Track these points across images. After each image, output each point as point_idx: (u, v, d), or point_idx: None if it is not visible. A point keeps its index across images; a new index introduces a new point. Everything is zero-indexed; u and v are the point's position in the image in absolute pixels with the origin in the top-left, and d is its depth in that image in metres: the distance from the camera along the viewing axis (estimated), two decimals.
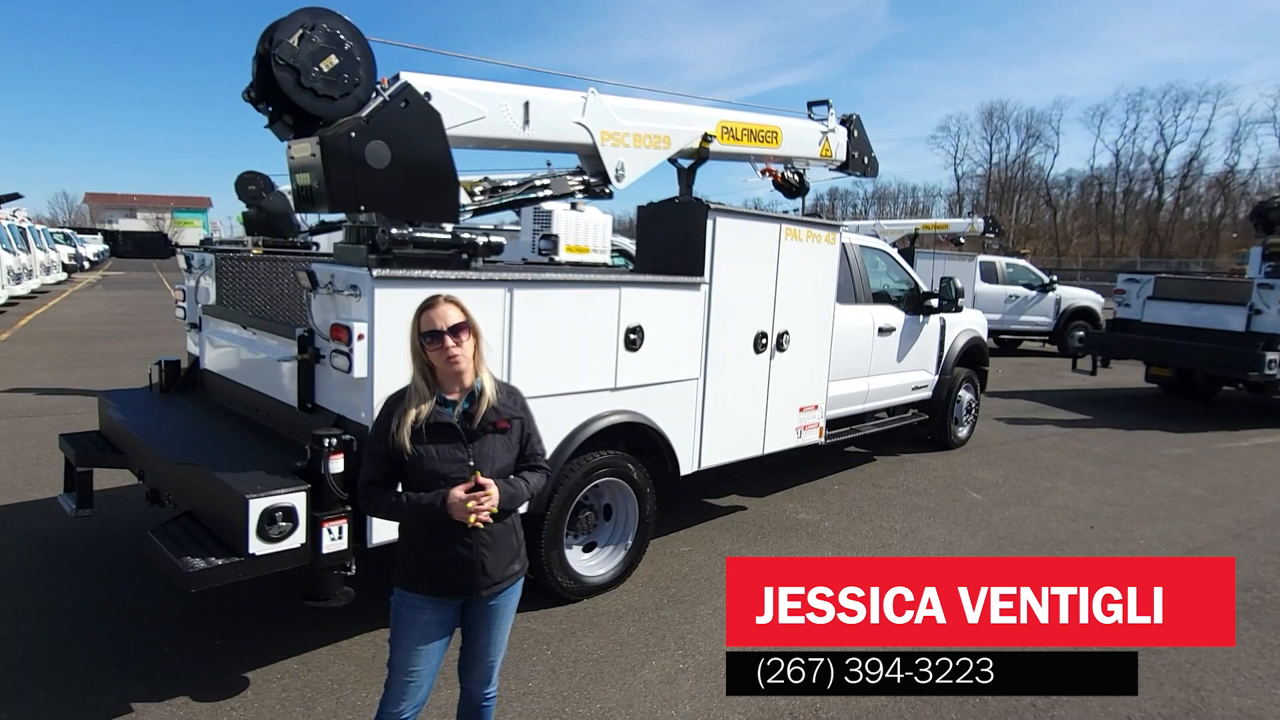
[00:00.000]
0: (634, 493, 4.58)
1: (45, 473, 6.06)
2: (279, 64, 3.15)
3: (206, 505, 3.35)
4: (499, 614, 2.49)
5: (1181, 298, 10.92)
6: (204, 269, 4.84)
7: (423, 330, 2.32)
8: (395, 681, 2.42)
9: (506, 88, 4.10)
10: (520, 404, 2.51)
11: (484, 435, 2.38)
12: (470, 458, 2.34)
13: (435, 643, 2.43)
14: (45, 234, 26.99)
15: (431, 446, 2.32)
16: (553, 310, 3.96)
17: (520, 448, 2.49)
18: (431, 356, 2.33)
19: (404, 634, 2.40)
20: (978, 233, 16.77)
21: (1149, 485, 7.18)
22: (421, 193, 3.48)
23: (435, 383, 2.37)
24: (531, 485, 2.47)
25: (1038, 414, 10.36)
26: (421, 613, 2.38)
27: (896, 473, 7.25)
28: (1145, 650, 3.34)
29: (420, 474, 2.32)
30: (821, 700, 3.47)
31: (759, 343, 5.20)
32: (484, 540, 2.36)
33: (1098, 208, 62.22)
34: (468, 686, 2.59)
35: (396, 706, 2.42)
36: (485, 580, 2.38)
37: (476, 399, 2.38)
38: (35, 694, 3.30)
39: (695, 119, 5.06)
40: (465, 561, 2.35)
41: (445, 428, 2.34)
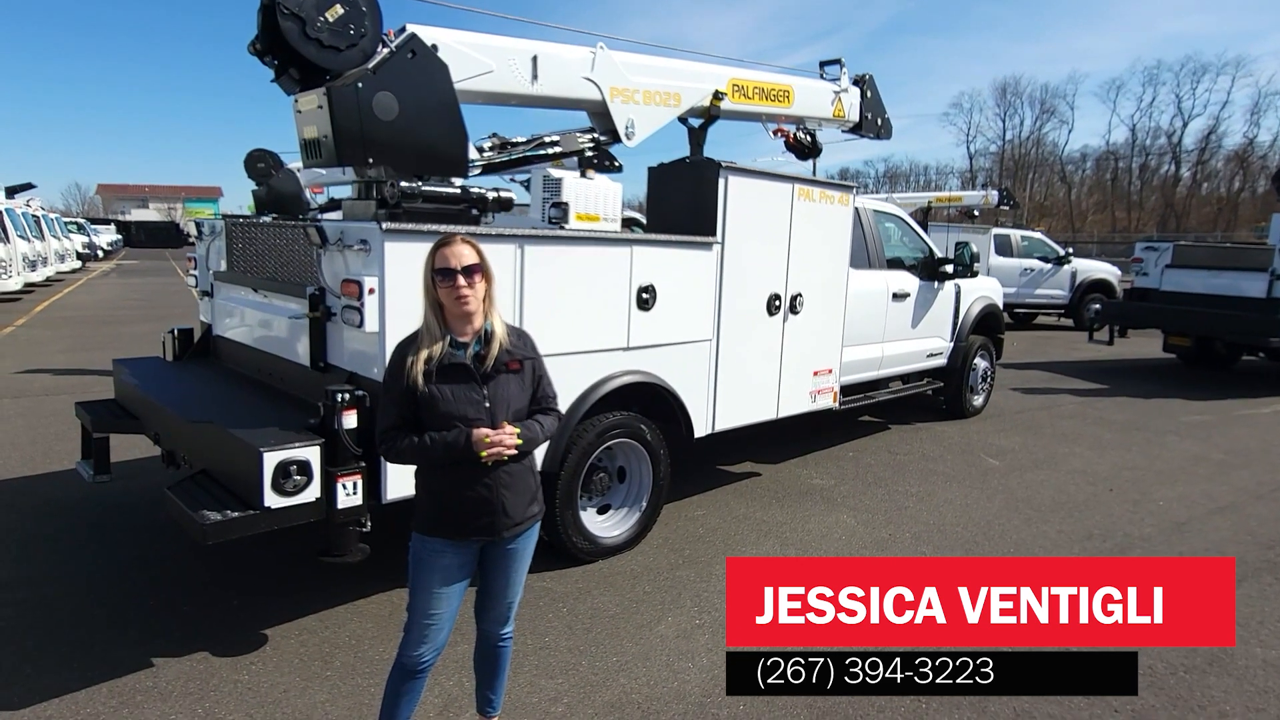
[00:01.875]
0: (648, 454, 4.56)
1: (63, 447, 6.11)
2: (284, 13, 3.11)
3: (221, 462, 3.35)
4: (517, 556, 2.49)
5: (1200, 265, 10.75)
6: (214, 235, 4.83)
7: (436, 267, 2.30)
8: (415, 625, 2.42)
9: (515, 42, 4.05)
10: (531, 346, 2.49)
11: (497, 376, 2.37)
12: (486, 399, 2.33)
13: (455, 585, 2.42)
14: (59, 222, 27.18)
15: (446, 387, 2.31)
16: (564, 267, 3.93)
17: (533, 390, 2.48)
18: (442, 295, 2.31)
19: (424, 578, 2.39)
20: (992, 205, 16.55)
21: (1168, 450, 7.09)
22: (430, 146, 3.45)
23: (445, 324, 2.36)
24: (547, 428, 2.47)
25: (1054, 384, 10.26)
26: (442, 556, 2.38)
27: (911, 440, 7.20)
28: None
29: (436, 416, 2.30)
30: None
31: (772, 305, 5.15)
32: (503, 481, 2.36)
33: (1113, 184, 61.41)
34: (485, 627, 2.59)
35: (417, 649, 2.42)
36: (506, 521, 2.38)
37: (488, 341, 2.36)
38: (57, 650, 3.34)
39: (706, 76, 4.99)
40: (486, 503, 2.34)
41: (459, 369, 2.33)
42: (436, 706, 3.02)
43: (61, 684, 3.10)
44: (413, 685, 2.47)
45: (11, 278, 16.43)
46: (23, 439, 6.43)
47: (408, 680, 2.45)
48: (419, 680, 2.47)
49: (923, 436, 7.34)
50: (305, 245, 3.68)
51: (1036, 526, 5.11)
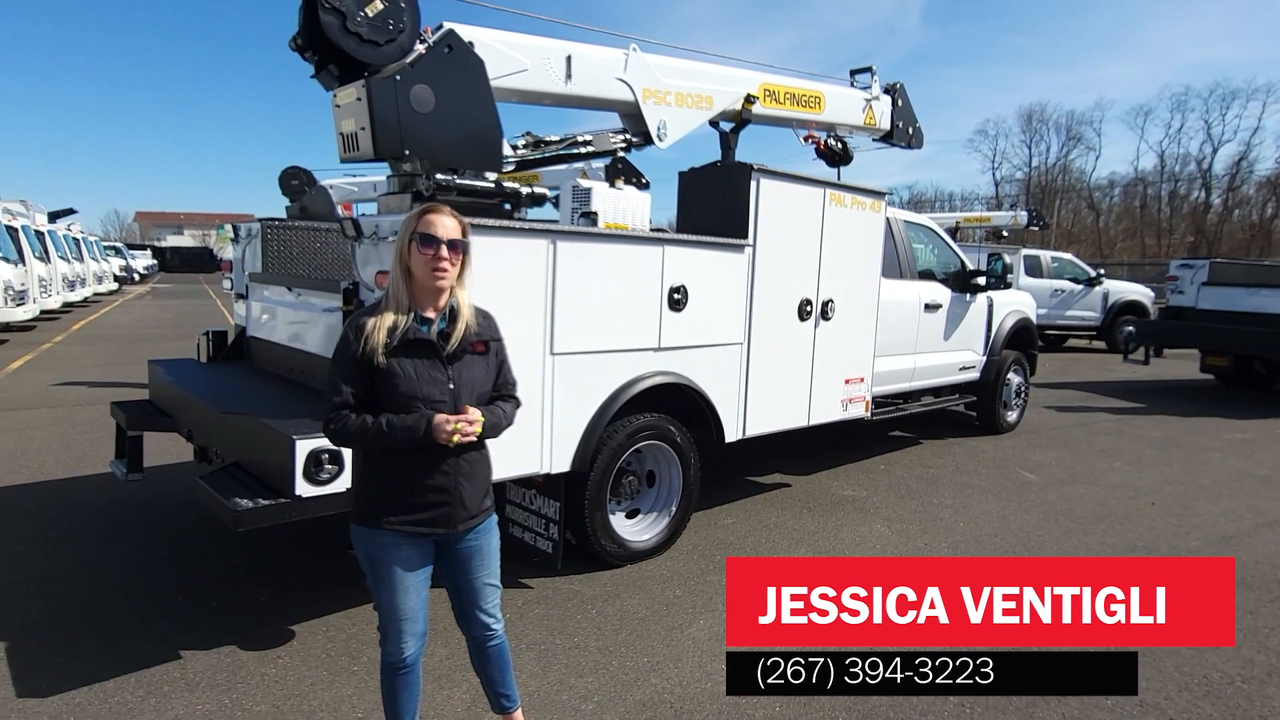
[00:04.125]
0: (678, 458, 4.50)
1: (96, 453, 6.18)
2: (325, 7, 3.16)
3: (254, 453, 3.34)
4: (479, 554, 2.34)
5: (1238, 282, 10.52)
6: (250, 239, 4.89)
7: (419, 230, 2.14)
8: (391, 624, 2.28)
9: (549, 41, 4.09)
10: (495, 328, 2.34)
11: (463, 357, 2.22)
12: (450, 380, 2.19)
13: (417, 574, 2.27)
14: (98, 246, 27.85)
15: (408, 363, 2.14)
16: (596, 264, 3.91)
17: (495, 374, 2.33)
18: (415, 263, 2.16)
19: (386, 576, 2.23)
20: (1021, 226, 16.38)
21: (1211, 466, 6.88)
22: (465, 139, 3.47)
23: (411, 296, 2.20)
24: (509, 415, 2.34)
25: (1089, 402, 10.05)
26: (397, 549, 2.22)
27: (944, 454, 7.06)
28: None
29: (394, 395, 2.13)
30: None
31: (803, 310, 5.10)
32: (462, 469, 2.22)
33: (1142, 210, 60.66)
34: (472, 633, 2.44)
35: (398, 645, 2.29)
36: (462, 513, 2.24)
37: (453, 319, 2.22)
38: (88, 642, 3.33)
39: (738, 80, 5.00)
40: (442, 491, 2.19)
41: (422, 344, 2.17)
42: (464, 703, 2.96)
43: (90, 674, 3.08)
44: (406, 679, 2.35)
45: (51, 296, 16.82)
46: (58, 445, 6.51)
47: (398, 676, 2.34)
48: (410, 674, 2.34)
49: (956, 451, 7.20)
50: (339, 243, 3.70)
51: (1077, 538, 4.96)
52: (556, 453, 3.88)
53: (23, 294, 14.02)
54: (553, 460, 3.86)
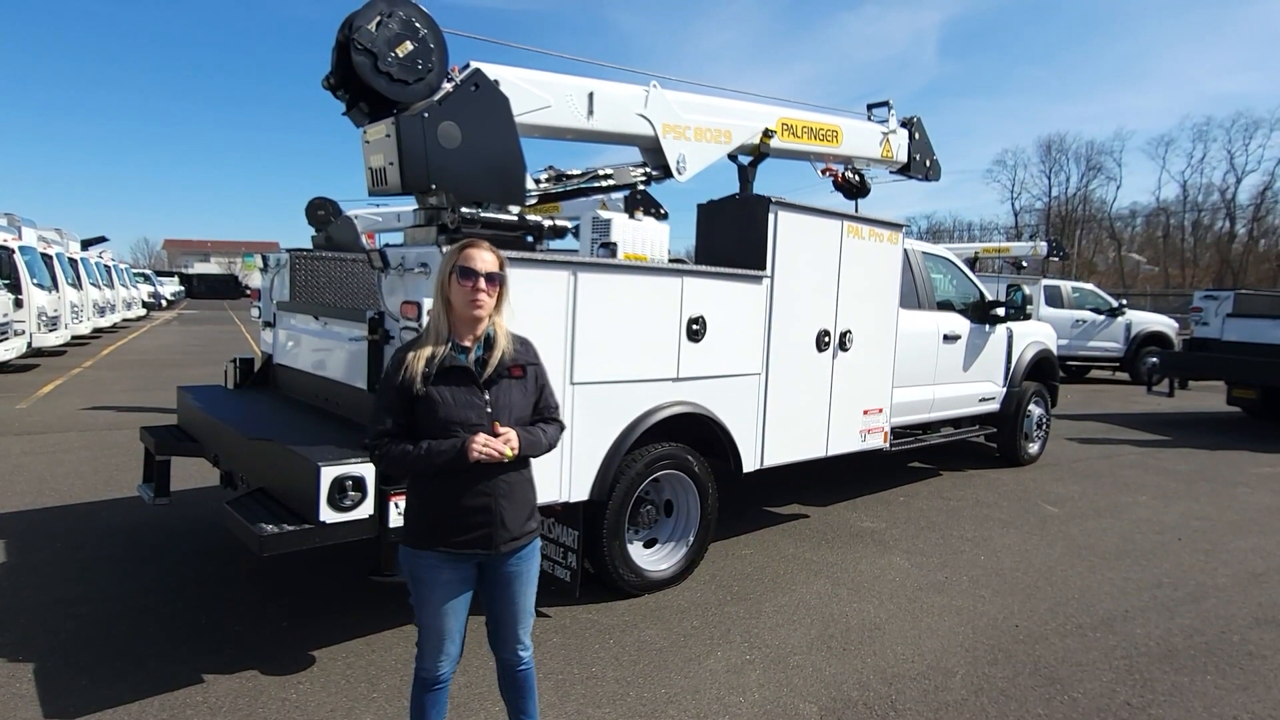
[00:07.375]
0: (695, 487, 4.51)
1: (124, 477, 6.30)
2: (357, 49, 3.28)
3: (279, 479, 3.41)
4: (519, 579, 2.40)
5: (1264, 314, 10.40)
6: (279, 268, 5.01)
7: (459, 264, 2.26)
8: (427, 641, 2.36)
9: (572, 79, 4.20)
10: (533, 353, 2.42)
11: (500, 381, 2.30)
12: (488, 404, 2.27)
13: (459, 599, 2.34)
14: (128, 273, 28.48)
15: (446, 390, 2.23)
16: (616, 296, 3.97)
17: (536, 397, 2.41)
18: (455, 294, 2.26)
19: (426, 595, 2.31)
20: (1041, 256, 16.30)
21: (1239, 501, 6.77)
22: (490, 173, 3.56)
23: (451, 327, 2.31)
24: (550, 435, 2.40)
25: (1112, 434, 9.93)
26: (440, 572, 2.29)
27: (964, 486, 7.00)
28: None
29: (434, 421, 2.23)
30: (896, 693, 3.33)
31: (821, 340, 5.12)
32: (501, 490, 2.28)
33: (1165, 241, 60.15)
34: (503, 656, 2.51)
35: (433, 663, 2.36)
36: (504, 534, 2.29)
37: (490, 346, 2.31)
38: (113, 663, 3.38)
39: (756, 114, 5.09)
40: (484, 512, 2.26)
41: (460, 371, 2.26)
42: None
43: (115, 695, 3.13)
44: (436, 697, 2.42)
45: (83, 322, 17.18)
46: (86, 469, 6.64)
47: (429, 693, 2.41)
48: (441, 692, 2.42)
49: (976, 483, 7.14)
50: (366, 273, 3.79)
51: (1101, 574, 4.89)
52: (575, 481, 3.91)
53: (55, 319, 14.35)
54: (571, 489, 3.90)
